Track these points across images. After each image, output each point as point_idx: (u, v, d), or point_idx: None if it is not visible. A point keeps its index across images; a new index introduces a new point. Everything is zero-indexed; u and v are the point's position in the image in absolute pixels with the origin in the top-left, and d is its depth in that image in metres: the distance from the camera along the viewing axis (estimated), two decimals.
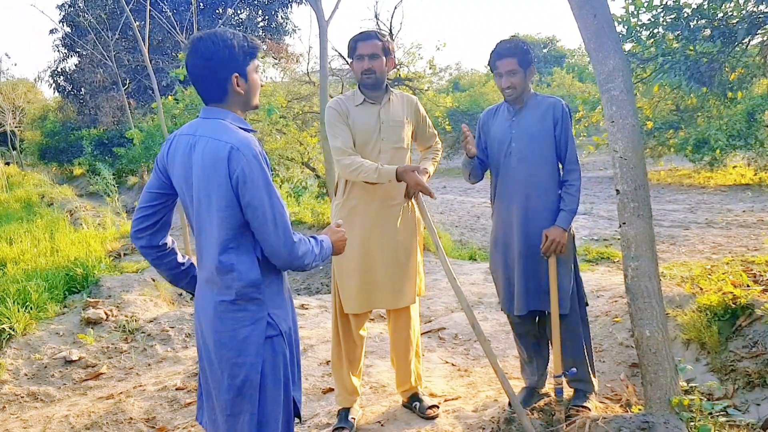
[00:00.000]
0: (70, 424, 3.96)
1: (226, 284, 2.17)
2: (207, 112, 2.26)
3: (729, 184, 14.26)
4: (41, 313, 5.96)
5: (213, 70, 2.17)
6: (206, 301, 2.25)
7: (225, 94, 2.22)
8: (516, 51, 3.32)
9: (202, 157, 2.13)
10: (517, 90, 3.37)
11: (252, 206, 2.09)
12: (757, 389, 3.57)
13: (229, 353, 2.18)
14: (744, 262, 5.15)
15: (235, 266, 2.16)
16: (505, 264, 3.54)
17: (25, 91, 32.23)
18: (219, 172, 2.09)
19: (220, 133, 2.14)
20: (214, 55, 2.16)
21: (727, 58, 5.04)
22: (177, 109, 11.99)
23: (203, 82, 2.21)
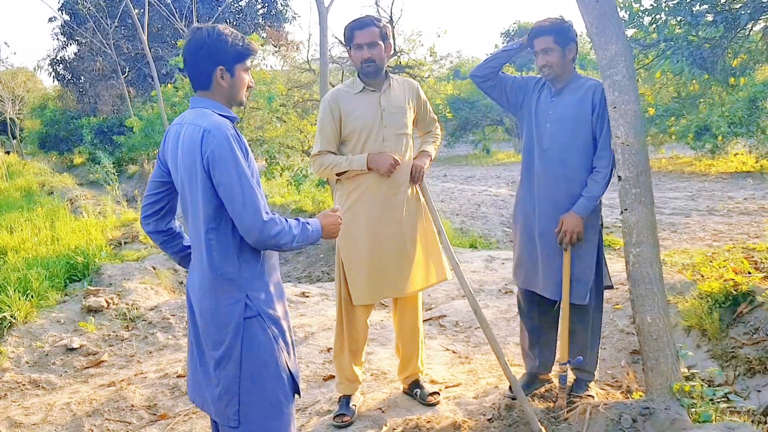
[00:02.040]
0: (72, 412, 3.97)
1: (207, 263, 2.27)
2: (193, 101, 2.39)
3: (730, 171, 14.24)
4: (42, 301, 5.96)
5: (201, 59, 2.29)
6: (194, 279, 2.36)
7: (209, 83, 2.33)
8: (552, 29, 3.24)
9: (182, 142, 2.27)
10: (554, 69, 3.28)
11: (222, 185, 2.16)
12: (758, 376, 3.57)
13: (211, 329, 2.28)
14: (745, 250, 5.14)
15: (214, 247, 2.25)
16: (526, 243, 3.51)
17: (24, 80, 32.16)
18: (194, 154, 2.20)
19: (198, 119, 2.25)
20: (205, 46, 2.27)
21: (729, 43, 5.01)
22: (176, 97, 11.94)
23: (192, 69, 2.34)
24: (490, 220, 11.03)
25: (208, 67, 2.29)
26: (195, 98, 2.38)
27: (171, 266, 7.43)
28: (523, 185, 3.52)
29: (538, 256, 3.43)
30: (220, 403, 2.29)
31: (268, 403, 2.29)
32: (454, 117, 22.82)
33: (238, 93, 2.39)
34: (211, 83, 2.32)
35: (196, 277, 2.34)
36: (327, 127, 3.41)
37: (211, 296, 2.28)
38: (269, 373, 2.29)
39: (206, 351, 2.32)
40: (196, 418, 3.80)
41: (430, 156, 3.55)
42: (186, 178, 2.27)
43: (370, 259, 3.42)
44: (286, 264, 9.09)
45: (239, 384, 2.26)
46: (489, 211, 11.87)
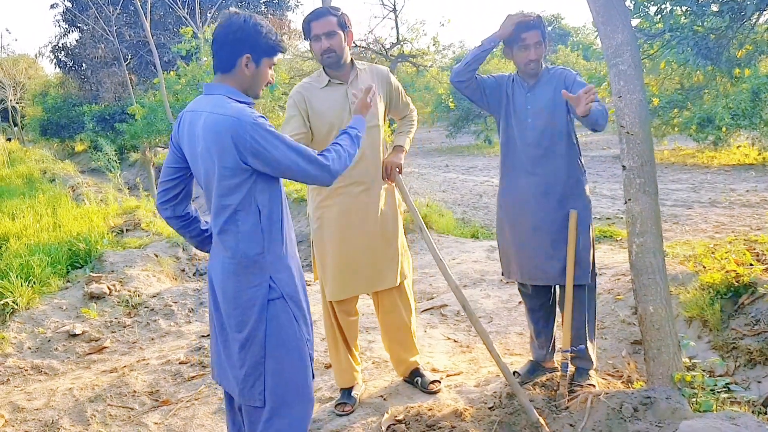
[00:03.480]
0: (74, 397, 3.99)
1: (230, 248, 2.33)
2: (208, 88, 2.41)
3: (732, 163, 14.21)
4: (44, 287, 5.98)
5: (231, 42, 2.32)
6: (216, 263, 2.41)
7: (232, 67, 2.35)
8: (539, 24, 3.26)
9: (203, 130, 2.27)
10: (539, 63, 3.32)
11: (275, 161, 2.23)
12: (759, 366, 3.58)
13: (235, 311, 2.33)
14: (747, 241, 5.14)
15: (240, 230, 2.30)
16: (518, 236, 3.49)
17: (26, 67, 32.10)
18: (223, 143, 2.21)
19: (217, 107, 2.27)
20: (238, 30, 2.31)
21: (735, 34, 4.99)
22: (179, 84, 11.93)
23: (219, 50, 2.35)
24: (491, 210, 11.02)
25: (235, 51, 2.32)
26: (211, 84, 2.40)
27: (173, 254, 7.44)
28: (508, 181, 3.50)
29: (536, 248, 3.42)
30: (245, 385, 2.34)
31: (292, 383, 2.37)
32: (456, 107, 22.76)
33: (258, 85, 2.42)
34: (234, 68, 2.35)
35: (218, 261, 2.39)
36: (292, 123, 3.28)
37: (235, 279, 2.32)
38: (292, 355, 2.36)
39: (230, 333, 2.36)
40: (198, 404, 3.82)
41: (404, 150, 3.47)
42: (209, 165, 2.29)
43: (340, 255, 3.37)
44: None
45: (264, 365, 2.32)
46: (491, 201, 11.86)
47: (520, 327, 4.83)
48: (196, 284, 6.51)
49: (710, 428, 2.53)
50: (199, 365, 4.42)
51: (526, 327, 4.78)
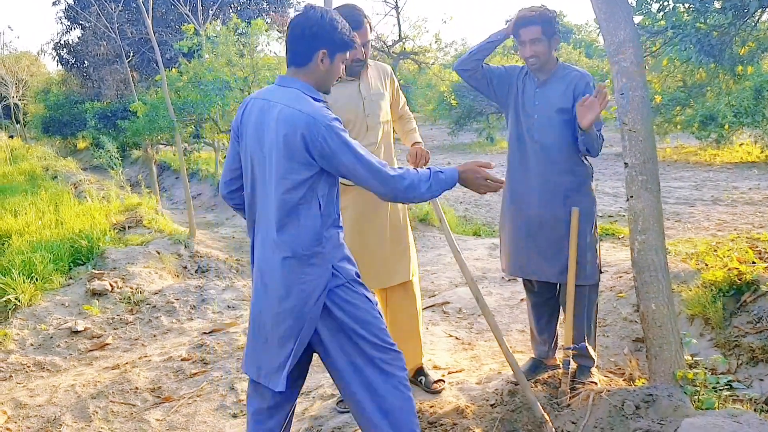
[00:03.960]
0: (77, 393, 3.99)
1: (289, 241, 2.33)
2: (282, 80, 2.44)
3: (735, 161, 14.19)
4: (46, 284, 5.99)
5: (308, 37, 2.36)
6: (270, 258, 2.37)
7: (307, 61, 2.39)
8: (540, 18, 3.20)
9: (276, 122, 2.31)
10: (540, 59, 3.26)
11: (343, 165, 2.29)
12: (761, 364, 3.58)
13: (293, 303, 2.33)
14: (749, 239, 5.13)
15: (299, 225, 2.32)
16: (521, 232, 3.48)
17: (28, 64, 32.08)
18: (294, 138, 2.26)
19: (294, 101, 2.31)
20: (316, 25, 2.35)
21: (737, 31, 4.97)
22: (180, 81, 11.92)
23: (295, 44, 2.39)
24: (493, 207, 11.02)
25: (312, 46, 2.36)
26: (285, 77, 2.44)
27: (175, 251, 7.45)
28: (515, 175, 3.49)
29: (539, 244, 3.42)
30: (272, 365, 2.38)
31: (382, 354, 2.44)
32: (458, 104, 22.73)
33: (330, 80, 2.46)
34: (309, 63, 2.39)
35: (273, 256, 2.36)
36: None
37: (296, 272, 2.33)
38: (373, 329, 2.43)
39: (280, 325, 2.36)
40: (200, 401, 3.82)
41: (422, 145, 3.54)
42: (275, 159, 2.30)
43: (352, 252, 3.37)
44: None
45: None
46: (493, 198, 11.86)
47: (521, 324, 4.83)
48: (198, 281, 6.52)
49: (712, 426, 2.53)
50: (201, 362, 4.43)
51: (527, 324, 4.78)
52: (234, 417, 3.62)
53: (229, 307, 5.77)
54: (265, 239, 2.41)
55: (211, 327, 5.17)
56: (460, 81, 21.27)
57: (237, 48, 13.26)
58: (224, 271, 7.57)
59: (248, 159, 2.44)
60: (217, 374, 4.18)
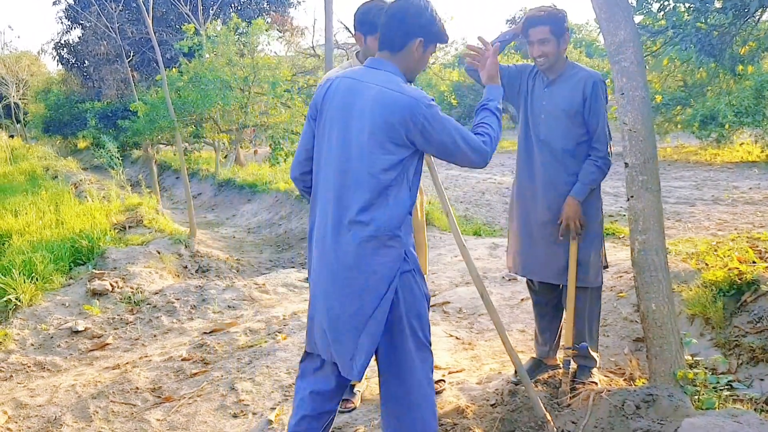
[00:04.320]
0: (77, 393, 3.99)
1: (374, 222, 2.32)
2: (375, 62, 2.47)
3: (735, 161, 14.18)
4: (47, 284, 5.99)
5: (409, 23, 2.41)
6: (343, 240, 2.35)
7: (402, 47, 2.44)
8: (549, 19, 3.22)
9: (373, 102, 2.33)
10: (549, 59, 3.28)
11: (442, 144, 2.36)
12: (761, 364, 3.57)
13: (367, 283, 2.33)
14: (750, 239, 5.12)
15: (388, 206, 2.33)
16: (525, 230, 3.51)
17: (28, 64, 32.12)
18: (393, 118, 2.30)
19: (392, 84, 2.36)
20: (417, 12, 2.40)
21: (738, 31, 4.97)
22: (181, 81, 11.93)
23: (394, 27, 2.42)
24: (494, 207, 11.01)
25: (411, 33, 2.41)
26: (377, 59, 2.47)
27: (175, 251, 7.45)
28: (522, 173, 3.52)
29: (540, 244, 3.43)
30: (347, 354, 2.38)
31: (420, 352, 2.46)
32: (458, 104, 22.73)
33: (418, 69, 2.52)
34: (404, 49, 2.43)
35: (348, 238, 2.34)
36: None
37: (372, 253, 2.32)
38: (422, 323, 2.46)
39: (349, 306, 2.35)
40: (201, 401, 3.82)
41: None
42: (366, 140, 2.32)
43: None
44: (289, 250, 9.11)
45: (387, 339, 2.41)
46: (493, 198, 11.85)
47: (522, 324, 4.83)
48: (199, 281, 6.52)
49: (712, 426, 2.53)
50: (202, 362, 4.43)
51: (528, 324, 4.79)
52: (234, 417, 3.62)
53: (229, 307, 5.77)
54: (338, 221, 2.37)
55: (212, 327, 5.17)
56: (460, 80, 21.28)
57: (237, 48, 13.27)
58: (225, 271, 7.57)
59: (325, 137, 2.43)
60: (217, 374, 4.18)
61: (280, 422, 3.47)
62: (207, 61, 12.38)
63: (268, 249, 9.43)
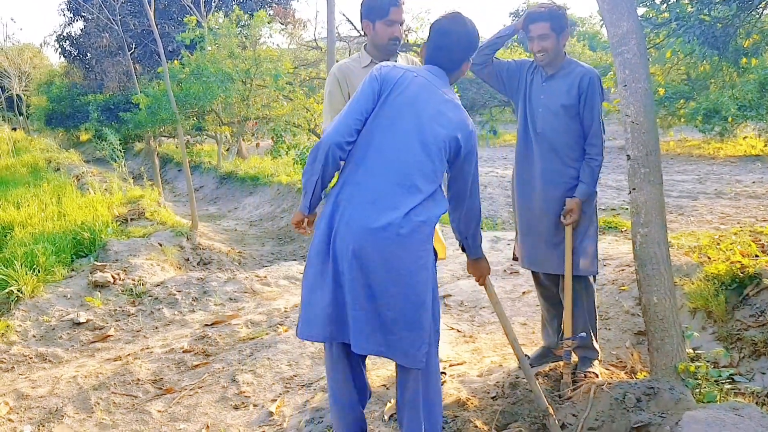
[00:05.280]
0: (78, 385, 4.00)
1: (426, 213, 2.46)
2: (437, 72, 2.65)
3: (739, 155, 14.14)
4: (49, 276, 5.99)
5: (470, 48, 2.66)
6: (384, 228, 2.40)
7: (458, 67, 2.67)
8: (548, 15, 3.28)
9: (445, 109, 2.54)
10: (549, 54, 3.33)
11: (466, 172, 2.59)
12: (763, 358, 3.56)
13: (414, 274, 2.44)
14: (752, 233, 5.11)
15: (436, 198, 2.51)
16: (525, 222, 3.58)
17: (30, 56, 32.04)
18: (459, 127, 2.52)
19: (458, 101, 2.62)
20: (476, 37, 2.66)
21: (742, 23, 4.94)
22: (183, 74, 11.90)
23: (458, 49, 2.63)
24: (496, 201, 11.00)
25: (468, 56, 2.67)
26: (438, 70, 2.65)
27: (177, 243, 7.45)
28: (520, 166, 3.57)
29: (541, 236, 3.48)
30: (412, 347, 2.47)
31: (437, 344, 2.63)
32: (461, 97, 22.67)
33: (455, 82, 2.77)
34: (458, 69, 2.68)
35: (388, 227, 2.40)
36: (336, 99, 3.33)
37: (420, 244, 2.45)
38: (437, 310, 2.59)
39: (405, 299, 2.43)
40: (202, 392, 3.83)
41: None
42: (432, 135, 2.48)
43: None
44: (291, 243, 9.11)
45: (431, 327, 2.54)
46: (495, 192, 11.83)
47: (523, 317, 4.83)
48: (200, 273, 6.52)
49: (714, 419, 2.53)
50: (203, 354, 4.43)
51: (529, 317, 4.79)
52: (235, 409, 3.62)
53: (230, 299, 5.77)
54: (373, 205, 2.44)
55: (213, 319, 5.18)
56: None
57: (239, 40, 13.24)
58: (226, 264, 7.58)
59: (389, 119, 2.52)
60: (218, 366, 4.18)
61: (281, 414, 3.47)
62: (209, 54, 12.35)
63: (270, 242, 9.43)
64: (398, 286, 2.41)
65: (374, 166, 2.47)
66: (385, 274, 2.40)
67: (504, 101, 25.00)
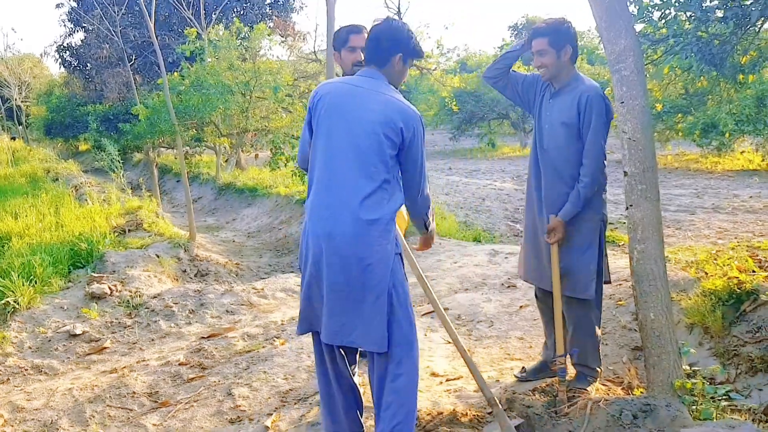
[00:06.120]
0: (74, 397, 3.98)
1: (378, 209, 2.64)
2: (369, 72, 2.82)
3: (736, 169, 14.17)
4: (46, 287, 5.98)
5: (390, 42, 2.78)
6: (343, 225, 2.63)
7: (387, 62, 2.82)
8: (547, 30, 3.31)
9: (377, 104, 2.69)
10: (549, 70, 3.35)
11: (414, 161, 2.74)
12: (760, 374, 3.56)
13: (374, 266, 2.63)
14: (750, 248, 5.11)
15: (390, 196, 2.68)
16: (528, 236, 3.64)
17: (31, 66, 32.09)
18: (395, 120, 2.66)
19: (394, 92, 2.79)
20: (396, 32, 2.79)
21: (739, 40, 4.98)
22: (182, 85, 11.93)
23: (378, 45, 2.79)
24: (494, 214, 11.01)
25: (392, 50, 2.79)
26: (370, 70, 2.80)
27: (174, 254, 7.44)
28: (530, 182, 3.60)
29: (539, 250, 3.52)
30: (376, 334, 2.65)
31: (411, 330, 2.76)
32: (460, 110, 22.74)
33: (400, 80, 2.89)
34: (387, 63, 2.82)
35: (348, 223, 2.62)
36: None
37: (377, 239, 2.62)
38: (408, 301, 2.75)
39: (357, 289, 2.63)
40: (198, 406, 3.81)
41: None
42: (372, 135, 2.65)
43: None
44: (289, 254, 9.10)
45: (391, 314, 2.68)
46: (493, 204, 11.85)
47: (520, 332, 4.82)
48: (197, 285, 6.51)
49: None
50: (199, 367, 4.42)
51: (526, 332, 4.78)
52: (231, 423, 3.60)
53: (227, 312, 5.76)
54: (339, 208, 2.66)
55: (210, 332, 5.16)
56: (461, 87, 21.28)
57: (239, 52, 13.29)
58: (224, 276, 7.56)
59: (322, 130, 2.74)
60: (214, 379, 4.17)
61: (277, 428, 3.46)
62: (209, 66, 12.40)
63: (268, 253, 9.42)
64: (350, 276, 2.63)
65: (322, 181, 2.71)
66: (340, 268, 2.63)
67: (502, 114, 25.10)
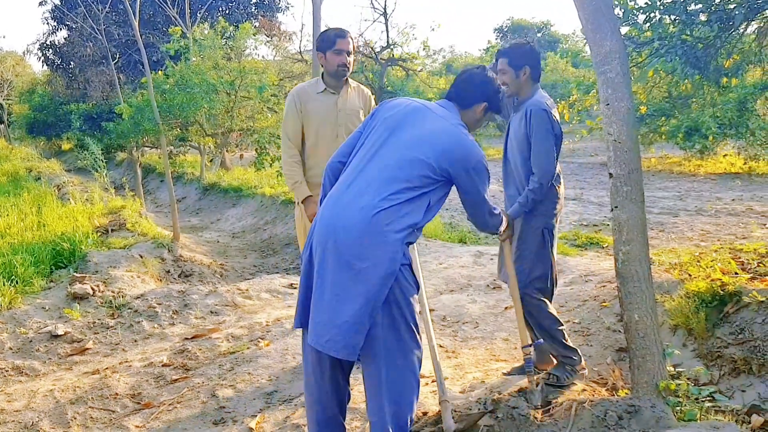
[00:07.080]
0: (55, 399, 3.94)
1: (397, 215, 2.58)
2: (447, 105, 2.90)
3: (719, 172, 14.29)
4: (27, 287, 5.91)
5: (482, 89, 2.90)
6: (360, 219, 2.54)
7: (470, 106, 2.90)
8: (508, 52, 3.58)
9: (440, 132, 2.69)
10: (509, 88, 3.58)
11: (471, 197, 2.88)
12: (743, 375, 3.59)
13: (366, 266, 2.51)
14: (732, 250, 5.16)
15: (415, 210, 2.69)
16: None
17: (13, 64, 31.81)
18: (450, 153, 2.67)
19: (462, 127, 2.82)
20: (489, 83, 2.92)
21: (723, 43, 5.02)
22: (167, 84, 11.84)
23: (470, 88, 2.90)
24: None
25: (480, 97, 2.89)
26: (449, 103, 2.89)
27: (158, 255, 7.38)
28: (504, 189, 3.92)
29: (500, 251, 3.82)
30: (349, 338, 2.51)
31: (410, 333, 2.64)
32: None
33: (474, 127, 2.96)
34: (471, 108, 2.89)
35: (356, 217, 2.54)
36: (290, 118, 3.98)
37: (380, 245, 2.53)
38: (414, 315, 2.63)
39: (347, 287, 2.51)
40: (181, 407, 3.78)
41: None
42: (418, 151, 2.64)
43: None
44: (274, 255, 9.06)
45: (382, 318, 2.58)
46: None
47: (506, 333, 4.83)
48: (181, 286, 6.46)
49: None
50: (183, 368, 4.38)
51: (511, 333, 4.79)
52: (215, 424, 3.58)
53: (212, 313, 5.71)
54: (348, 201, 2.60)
55: (194, 332, 5.12)
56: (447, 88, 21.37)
57: (224, 51, 13.22)
58: (208, 276, 7.51)
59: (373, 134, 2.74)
60: (198, 381, 4.13)
61: (261, 430, 3.44)
62: (193, 65, 12.31)
63: (253, 254, 9.37)
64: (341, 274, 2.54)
65: (349, 175, 2.69)
66: (336, 264, 2.54)
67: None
